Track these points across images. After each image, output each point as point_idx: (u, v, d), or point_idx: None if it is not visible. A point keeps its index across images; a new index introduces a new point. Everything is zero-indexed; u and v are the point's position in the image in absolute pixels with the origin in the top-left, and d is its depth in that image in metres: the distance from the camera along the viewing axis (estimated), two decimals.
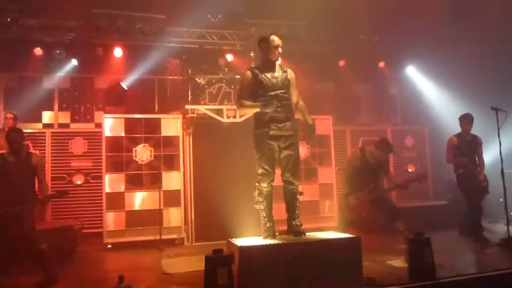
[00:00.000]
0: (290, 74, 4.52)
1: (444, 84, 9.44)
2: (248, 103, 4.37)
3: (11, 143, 5.12)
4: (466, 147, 6.68)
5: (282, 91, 4.40)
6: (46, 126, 8.19)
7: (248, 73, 4.43)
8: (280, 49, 4.41)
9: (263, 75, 4.39)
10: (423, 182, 7.24)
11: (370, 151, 6.14)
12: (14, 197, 4.93)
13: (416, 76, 10.23)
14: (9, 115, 6.94)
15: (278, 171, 4.48)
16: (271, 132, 4.31)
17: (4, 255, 4.51)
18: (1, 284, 4.29)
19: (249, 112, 4.32)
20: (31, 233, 5.00)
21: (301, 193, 4.50)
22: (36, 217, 5.42)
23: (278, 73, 4.44)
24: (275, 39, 4.39)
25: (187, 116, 7.35)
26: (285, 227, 4.54)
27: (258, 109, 4.32)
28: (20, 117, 7.68)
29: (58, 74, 8.61)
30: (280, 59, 4.51)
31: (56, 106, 8.63)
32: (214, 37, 9.28)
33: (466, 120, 6.74)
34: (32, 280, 4.78)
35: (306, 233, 4.37)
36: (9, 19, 7.85)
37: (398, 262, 5.17)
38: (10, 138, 5.13)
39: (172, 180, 7.33)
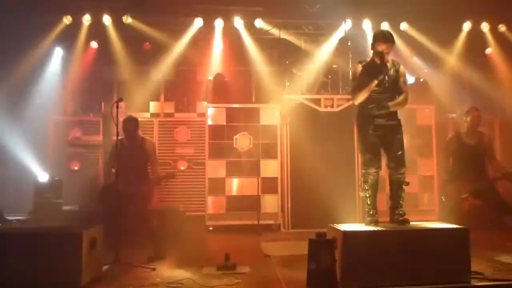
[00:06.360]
0: (401, 70, 4.48)
1: None
2: (363, 84, 4.34)
3: (126, 131, 5.64)
4: None
5: (391, 88, 4.38)
6: (153, 115, 8.80)
7: (360, 66, 4.46)
8: (384, 55, 4.32)
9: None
10: None
11: (464, 129, 5.80)
12: (130, 178, 5.43)
13: None
14: (122, 104, 7.36)
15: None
16: (375, 123, 4.35)
17: (121, 230, 4.99)
18: (117, 255, 4.77)
19: (367, 93, 4.32)
20: (144, 212, 5.50)
21: (407, 183, 4.44)
22: (151, 197, 5.90)
23: (390, 70, 4.38)
24: (379, 47, 4.33)
25: (284, 105, 7.50)
26: (384, 219, 4.50)
27: (375, 82, 4.29)
28: (130, 107, 8.29)
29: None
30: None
31: (162, 97, 9.23)
32: (310, 27, 9.28)
33: None
34: (144, 253, 5.18)
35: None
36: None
37: (509, 259, 4.88)
38: (125, 126, 5.65)
39: (270, 167, 7.54)
